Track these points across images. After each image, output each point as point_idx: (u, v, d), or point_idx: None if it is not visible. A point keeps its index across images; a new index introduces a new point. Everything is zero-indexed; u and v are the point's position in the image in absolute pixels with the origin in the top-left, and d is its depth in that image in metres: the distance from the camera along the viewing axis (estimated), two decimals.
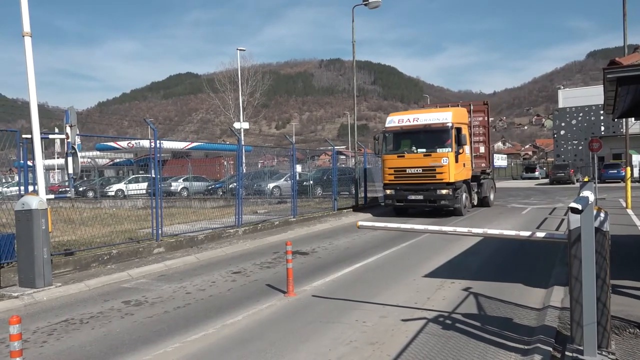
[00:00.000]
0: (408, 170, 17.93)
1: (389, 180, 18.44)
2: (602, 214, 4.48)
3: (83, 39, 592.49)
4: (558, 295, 6.67)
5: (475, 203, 20.38)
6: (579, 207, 4.04)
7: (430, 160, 17.49)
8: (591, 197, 4.47)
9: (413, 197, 17.95)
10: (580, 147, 54.35)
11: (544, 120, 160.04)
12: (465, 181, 18.65)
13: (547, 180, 46.45)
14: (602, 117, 52.64)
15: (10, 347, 3.88)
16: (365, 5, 22.88)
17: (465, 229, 5.82)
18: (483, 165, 20.70)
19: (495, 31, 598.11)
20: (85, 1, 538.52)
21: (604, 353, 4.39)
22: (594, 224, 4.30)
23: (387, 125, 18.89)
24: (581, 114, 55.92)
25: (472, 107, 20.51)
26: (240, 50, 39.35)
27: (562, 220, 15.81)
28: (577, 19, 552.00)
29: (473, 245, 11.46)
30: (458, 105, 20.47)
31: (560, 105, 59.71)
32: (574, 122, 56.29)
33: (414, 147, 18.01)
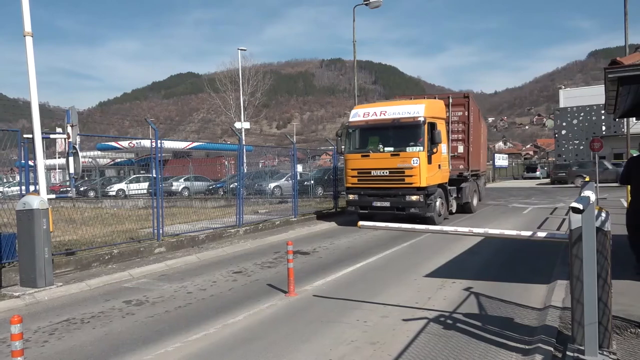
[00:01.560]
0: (373, 173, 15.27)
1: (352, 184, 15.84)
2: (604, 214, 4.47)
3: (84, 38, 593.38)
4: (559, 295, 6.66)
5: (454, 210, 17.78)
6: (580, 206, 4.03)
7: (399, 160, 14.86)
8: (592, 197, 4.46)
9: (379, 204, 15.36)
10: (582, 147, 54.30)
11: (545, 120, 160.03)
12: (441, 185, 16.11)
13: (548, 180, 46.40)
14: (603, 117, 52.60)
15: (12, 347, 3.89)
16: (366, 4, 22.91)
17: (466, 229, 5.82)
18: (461, 167, 17.92)
19: (496, 31, 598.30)
20: (87, 1, 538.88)
21: (605, 353, 4.38)
22: (595, 223, 4.30)
23: (351, 119, 16.25)
24: (582, 114, 55.87)
25: (450, 101, 17.69)
26: (241, 50, 39.38)
27: (564, 220, 15.80)
28: (579, 19, 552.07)
29: (474, 245, 11.46)
30: (435, 98, 17.82)
31: (562, 105, 59.68)
32: (575, 121, 56.24)
33: (381, 146, 15.29)
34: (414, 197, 14.74)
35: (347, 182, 16.08)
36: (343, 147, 16.23)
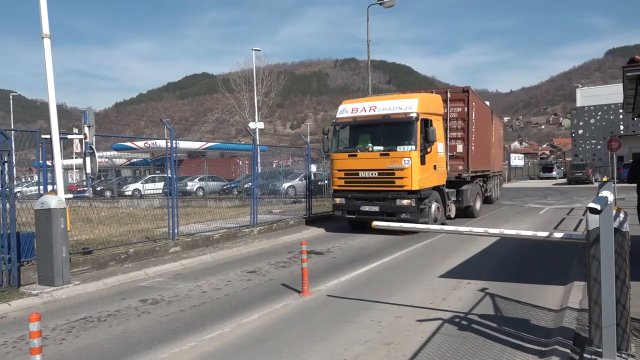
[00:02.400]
0: (361, 174, 13.93)
1: (339, 186, 14.46)
2: (622, 214, 4.41)
3: (101, 40, 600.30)
4: (576, 296, 6.59)
5: (453, 215, 16.13)
6: (598, 207, 3.98)
7: (388, 161, 13.44)
8: (610, 197, 4.40)
9: (367, 209, 13.93)
10: (599, 147, 53.66)
11: (561, 119, 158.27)
12: (437, 188, 14.60)
13: (564, 180, 45.89)
14: (621, 116, 51.89)
15: (30, 344, 3.95)
16: (380, 4, 22.85)
17: (481, 229, 5.77)
18: (460, 168, 16.40)
19: (512, 29, 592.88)
20: (103, 3, 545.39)
21: (623, 355, 4.32)
22: (613, 224, 4.24)
23: (338, 115, 14.94)
24: (600, 113, 55.17)
25: (448, 95, 16.24)
26: (255, 50, 39.48)
27: (581, 220, 15.61)
28: (596, 17, 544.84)
29: (489, 245, 11.37)
30: (432, 92, 16.29)
31: (579, 104, 59.00)
32: (592, 121, 55.57)
33: (370, 144, 13.95)
34: (404, 202, 13.32)
35: (333, 184, 14.77)
36: (329, 146, 15.00)
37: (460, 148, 16.43)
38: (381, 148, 13.75)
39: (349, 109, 14.76)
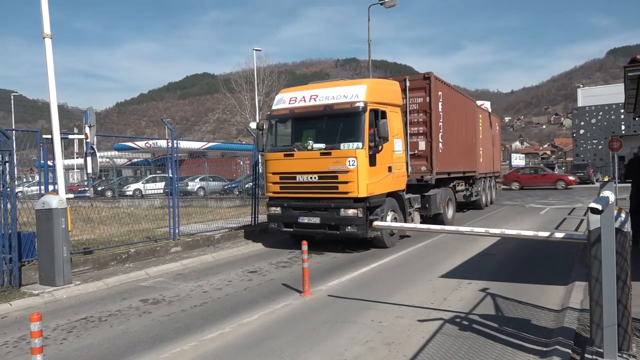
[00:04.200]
0: (299, 178, 11.38)
1: (274, 192, 11.93)
2: (623, 215, 4.41)
3: (102, 40, 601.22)
4: (577, 296, 6.58)
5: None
6: (599, 207, 3.98)
7: (331, 161, 10.91)
8: (611, 197, 4.40)
9: (306, 221, 11.42)
10: (600, 147, 53.61)
11: (562, 119, 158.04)
12: (394, 194, 12.06)
13: None
14: (622, 116, 51.84)
15: (31, 344, 3.95)
16: (382, 4, 22.83)
17: (482, 229, 5.77)
18: (423, 168, 13.81)
19: (513, 29, 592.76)
20: (105, 3, 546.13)
21: (624, 356, 4.32)
22: (614, 224, 4.24)
23: (273, 107, 12.45)
24: (601, 113, 55.14)
25: (407, 83, 13.71)
26: (256, 50, 39.50)
27: (582, 220, 15.59)
28: (597, 16, 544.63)
29: (490, 245, 11.36)
30: (389, 79, 13.97)
31: (580, 104, 58.97)
32: (593, 121, 55.54)
33: (310, 142, 11.42)
34: (350, 212, 10.85)
35: (267, 190, 12.15)
36: (264, 143, 12.44)
37: (422, 145, 13.89)
38: (322, 146, 11.23)
39: (286, 99, 12.20)
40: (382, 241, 11.47)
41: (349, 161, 10.72)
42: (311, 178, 11.24)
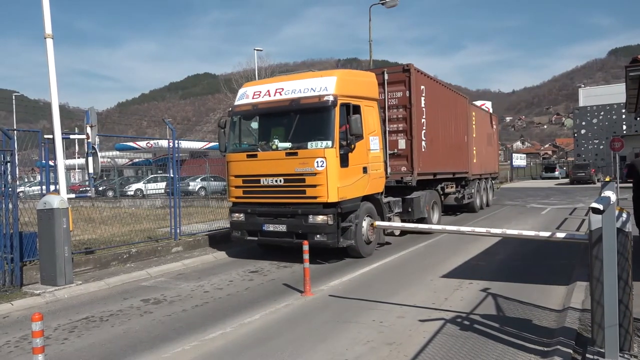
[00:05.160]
0: (263, 181, 10.30)
1: (237, 198, 10.87)
2: (624, 215, 4.40)
3: (103, 40, 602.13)
4: (578, 296, 6.57)
5: (397, 232, 13.10)
6: (601, 207, 3.98)
7: (297, 162, 9.87)
8: (613, 197, 4.40)
9: (271, 228, 10.32)
10: (602, 147, 53.58)
11: (564, 119, 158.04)
12: (369, 197, 10.93)
13: (567, 180, 45.83)
14: (623, 116, 51.80)
15: (33, 344, 3.95)
16: (383, 4, 22.84)
17: (483, 229, 5.78)
18: (404, 169, 12.72)
19: (514, 29, 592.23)
20: (106, 3, 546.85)
21: (625, 356, 4.31)
22: (615, 224, 4.24)
23: (236, 102, 11.37)
24: (602, 113, 55.11)
25: (386, 77, 12.72)
26: (257, 50, 39.55)
27: (583, 220, 15.58)
28: (599, 16, 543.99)
29: (491, 245, 11.36)
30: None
31: (581, 103, 58.95)
32: (594, 120, 55.52)
33: (275, 141, 10.41)
34: (319, 218, 9.78)
35: (230, 194, 11.06)
36: (225, 143, 11.17)
37: (402, 144, 12.77)
38: (288, 145, 10.22)
39: (249, 93, 11.07)
40: (357, 251, 10.30)
41: (317, 162, 9.68)
42: (276, 181, 10.17)
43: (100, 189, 30.95)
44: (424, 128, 13.30)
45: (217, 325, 6.24)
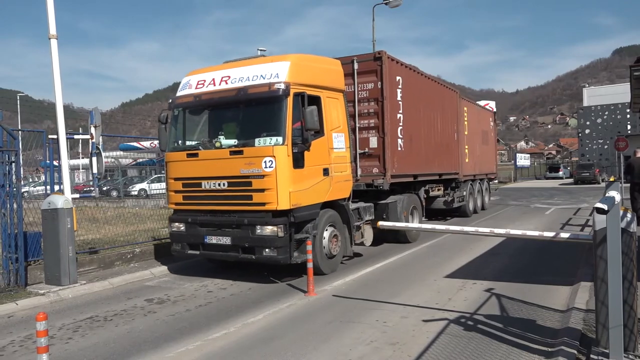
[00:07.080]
0: (205, 185, 8.78)
1: (176, 204, 9.31)
2: (629, 215, 4.39)
3: (107, 40, 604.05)
4: (583, 297, 6.55)
5: (369, 242, 10.55)
6: (605, 207, 3.97)
7: (243, 163, 8.34)
8: (617, 197, 4.38)
9: (214, 241, 8.76)
10: (606, 147, 53.41)
11: (568, 119, 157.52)
12: (332, 204, 9.39)
13: (571, 180, 45.70)
14: (628, 116, 51.63)
15: (37, 343, 3.96)
16: (386, 4, 22.82)
17: (487, 229, 5.77)
18: (375, 170, 11.08)
19: (518, 28, 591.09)
20: (110, 3, 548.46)
21: (630, 356, 4.30)
22: (620, 224, 4.22)
23: (177, 93, 9.79)
24: (607, 113, 54.94)
25: (356, 66, 11.05)
26: (260, 50, 39.49)
27: (587, 220, 15.53)
28: (603, 15, 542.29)
29: (495, 245, 11.33)
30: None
31: (585, 103, 58.79)
32: (599, 120, 55.36)
33: (220, 137, 8.90)
34: (267, 229, 8.25)
35: (169, 200, 9.53)
36: (166, 140, 9.71)
37: (374, 142, 11.19)
38: (233, 143, 8.78)
39: (193, 83, 9.50)
40: (318, 267, 8.62)
41: (266, 162, 8.13)
42: (219, 185, 8.63)
43: (104, 189, 31.03)
44: (401, 124, 11.79)
45: (220, 325, 6.25)
